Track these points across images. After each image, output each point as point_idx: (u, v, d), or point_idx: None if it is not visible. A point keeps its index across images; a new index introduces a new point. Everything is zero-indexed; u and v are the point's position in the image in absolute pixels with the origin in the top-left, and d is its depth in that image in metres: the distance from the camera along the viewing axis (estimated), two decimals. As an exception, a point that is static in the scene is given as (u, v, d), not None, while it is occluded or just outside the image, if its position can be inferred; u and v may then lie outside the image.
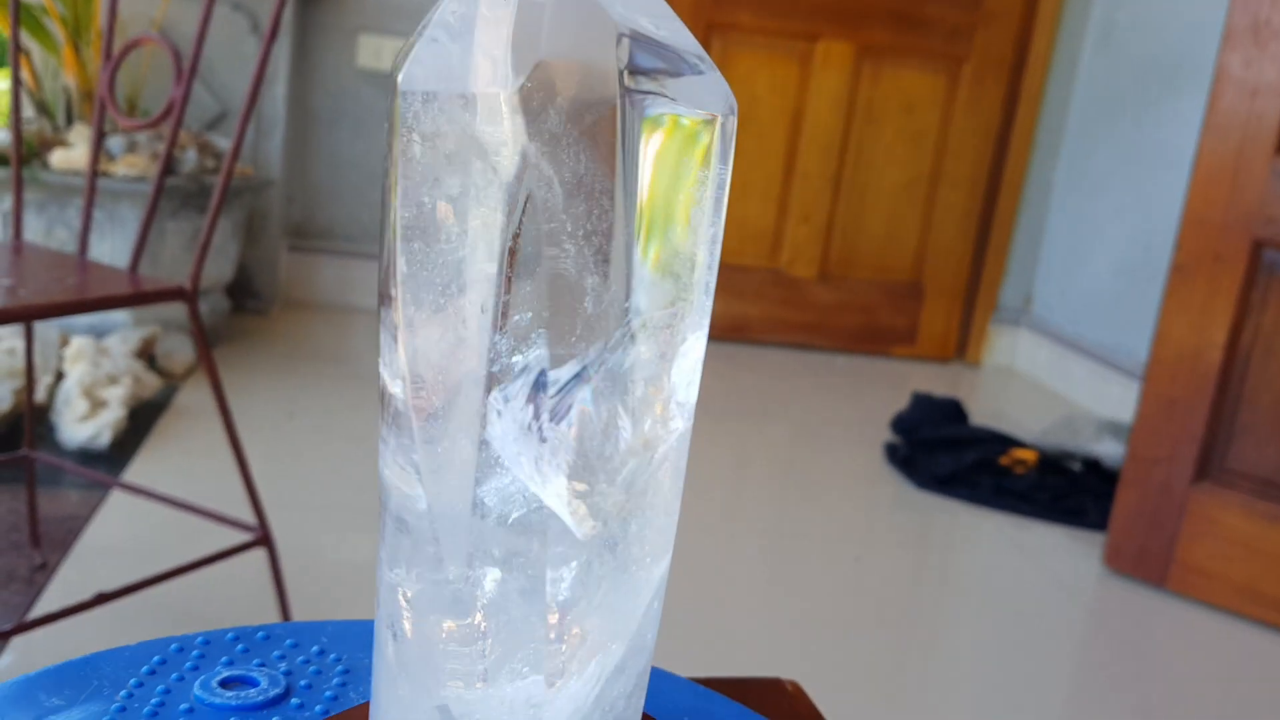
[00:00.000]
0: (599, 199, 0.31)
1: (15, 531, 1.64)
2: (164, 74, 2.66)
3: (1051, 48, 3.14)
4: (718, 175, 0.34)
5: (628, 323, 0.32)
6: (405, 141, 0.32)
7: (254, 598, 1.51)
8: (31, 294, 1.16)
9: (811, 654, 1.59)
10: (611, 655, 0.35)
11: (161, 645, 0.51)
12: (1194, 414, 1.86)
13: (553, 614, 0.34)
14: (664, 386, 0.34)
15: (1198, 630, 1.79)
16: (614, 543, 0.34)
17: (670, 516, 0.36)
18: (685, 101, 0.32)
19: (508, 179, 0.31)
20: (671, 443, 0.35)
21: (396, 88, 0.32)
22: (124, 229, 2.36)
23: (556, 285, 0.31)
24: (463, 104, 0.31)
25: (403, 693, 0.36)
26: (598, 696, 0.35)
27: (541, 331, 0.31)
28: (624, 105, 0.31)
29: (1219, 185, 1.83)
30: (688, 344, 0.35)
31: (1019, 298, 3.30)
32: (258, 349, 2.65)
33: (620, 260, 0.32)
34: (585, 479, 0.33)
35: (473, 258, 0.31)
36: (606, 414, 0.33)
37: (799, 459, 2.47)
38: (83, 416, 1.97)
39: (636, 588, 0.35)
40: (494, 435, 0.32)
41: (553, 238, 0.31)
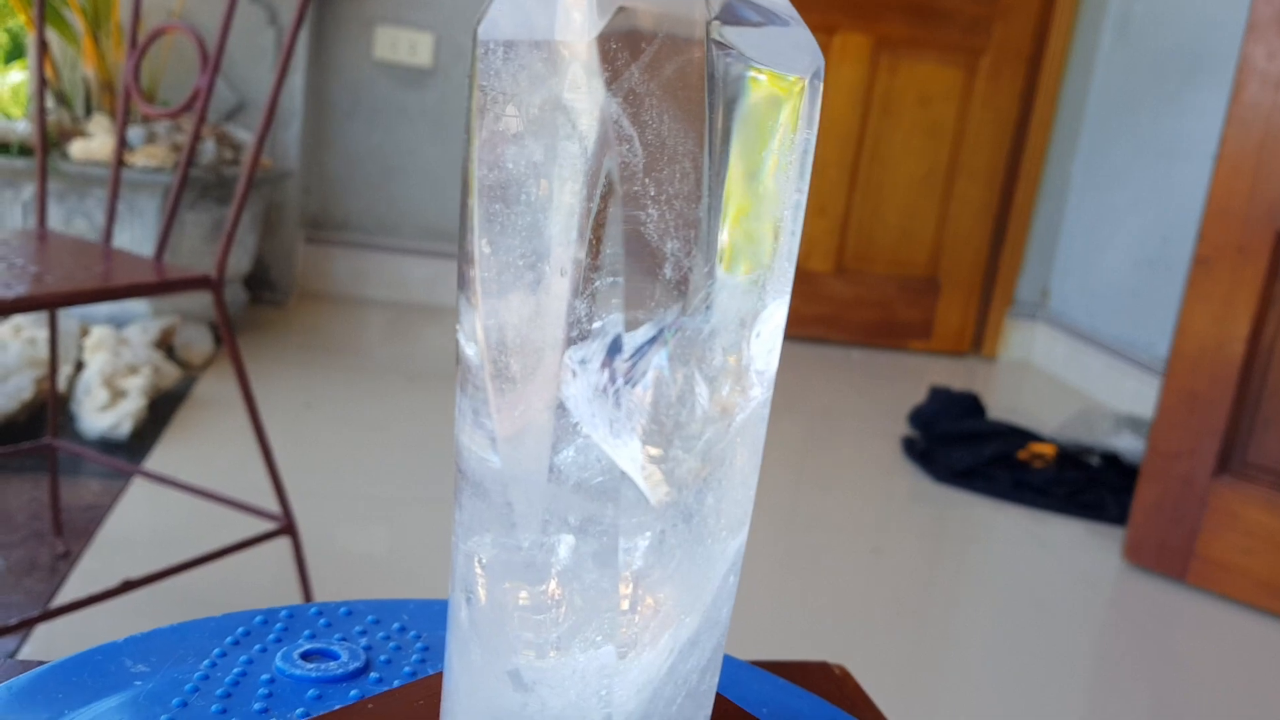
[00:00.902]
0: (681, 160, 0.30)
1: (37, 520, 1.65)
2: (182, 65, 2.66)
3: (1069, 40, 3.12)
4: (804, 138, 0.33)
5: (708, 288, 0.32)
6: (483, 96, 0.31)
7: (277, 586, 1.52)
8: (58, 281, 1.17)
9: (832, 645, 1.59)
10: (685, 628, 0.35)
11: (246, 617, 0.52)
12: (1215, 407, 1.85)
13: (626, 583, 0.33)
14: (743, 353, 0.33)
15: (1218, 625, 1.78)
16: (690, 513, 0.33)
17: (748, 488, 0.36)
18: (774, 60, 0.32)
19: (588, 137, 0.30)
20: (750, 411, 0.34)
21: (475, 40, 0.31)
22: (143, 219, 2.36)
23: (637, 249, 0.31)
24: (542, 55, 0.30)
25: (474, 658, 0.35)
26: (670, 669, 0.35)
27: (620, 296, 0.31)
28: (711, 60, 0.30)
29: (1242, 177, 1.82)
30: (768, 311, 0.34)
31: (1036, 291, 3.29)
32: (275, 340, 2.65)
33: (703, 225, 0.31)
34: (660, 444, 0.32)
35: (552, 220, 0.31)
36: (683, 379, 0.32)
37: (816, 452, 2.47)
38: (103, 406, 1.98)
39: (711, 560, 0.35)
40: (569, 397, 0.32)
41: (634, 200, 0.30)
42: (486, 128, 0.31)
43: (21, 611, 1.41)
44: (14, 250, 1.28)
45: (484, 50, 0.31)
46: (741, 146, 0.31)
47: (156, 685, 0.47)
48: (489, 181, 0.32)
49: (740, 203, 0.32)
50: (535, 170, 0.31)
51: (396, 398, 2.36)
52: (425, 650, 0.50)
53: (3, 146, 2.35)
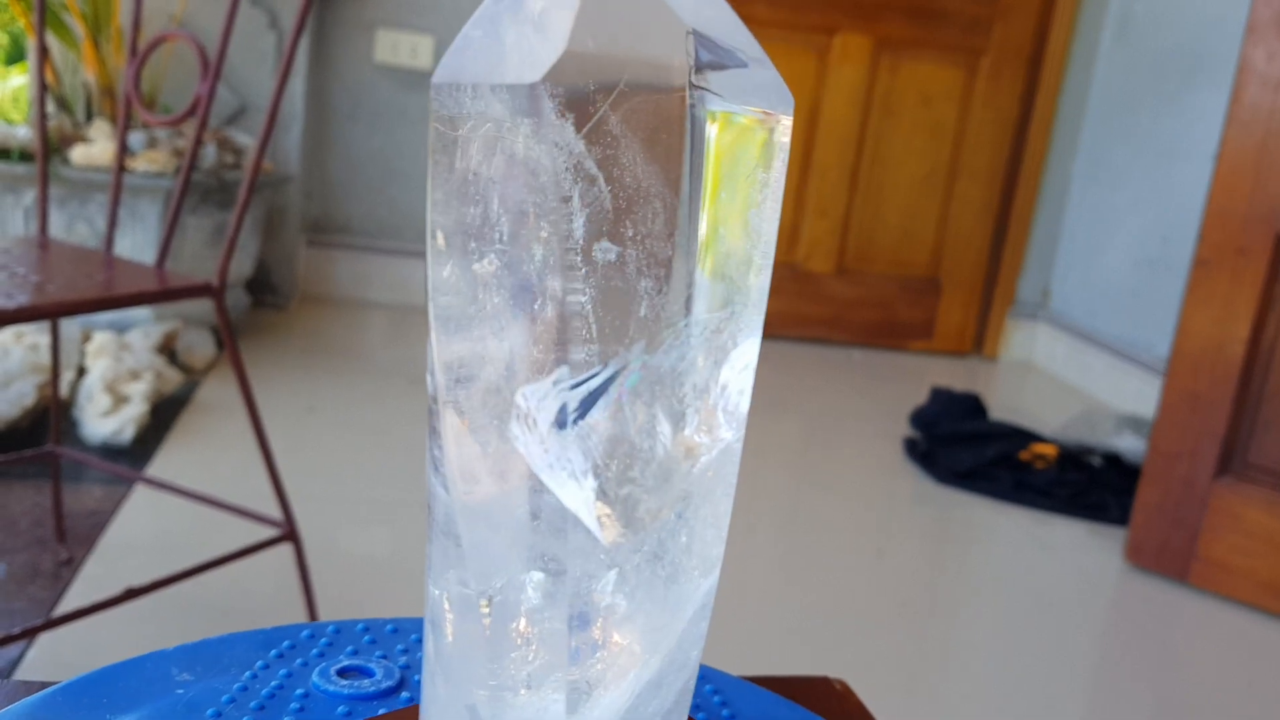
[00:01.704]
0: (652, 200, 0.30)
1: (40, 527, 1.65)
2: (183, 70, 2.66)
3: (1069, 40, 3.12)
4: (775, 176, 0.33)
5: (677, 327, 0.31)
6: (441, 139, 0.31)
7: (279, 592, 1.52)
8: (60, 290, 1.17)
9: (832, 650, 1.59)
10: (648, 669, 0.34)
11: (293, 631, 0.53)
12: (1216, 408, 1.85)
13: (587, 624, 0.33)
14: (711, 393, 0.33)
15: (1220, 625, 1.78)
16: (653, 554, 0.33)
17: (718, 530, 0.35)
18: (745, 99, 0.31)
19: (551, 178, 0.29)
20: (717, 452, 0.34)
21: (431, 84, 0.31)
22: (144, 224, 2.37)
23: (606, 288, 0.30)
24: (501, 97, 0.30)
25: (440, 692, 0.36)
26: (629, 709, 0.34)
27: (584, 335, 0.30)
28: (684, 100, 0.30)
29: (1242, 179, 1.82)
30: (740, 350, 0.33)
31: (1037, 291, 3.29)
32: (277, 344, 2.65)
33: (674, 263, 0.31)
34: (615, 484, 0.32)
35: (514, 259, 0.30)
36: (644, 418, 0.32)
37: (817, 454, 2.47)
38: (105, 412, 1.98)
39: (678, 601, 0.34)
40: (516, 435, 0.32)
41: (601, 239, 0.30)
42: (439, 169, 0.31)
43: (25, 618, 1.41)
44: (15, 259, 1.28)
45: (440, 93, 0.31)
46: (715, 185, 0.31)
47: (195, 694, 0.48)
48: (449, 221, 0.32)
49: (714, 241, 0.32)
50: (494, 211, 0.31)
51: (399, 401, 2.36)
52: None
53: (3, 152, 2.35)
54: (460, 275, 0.32)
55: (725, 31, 0.32)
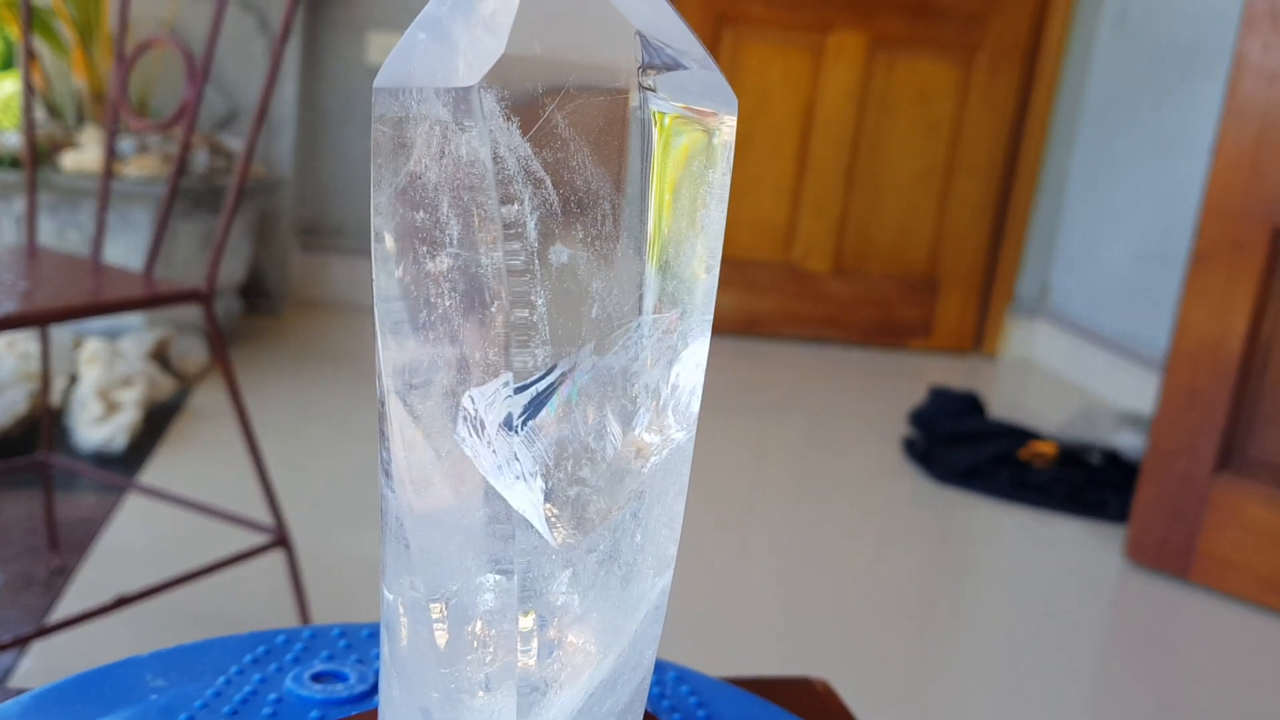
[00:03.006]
0: (601, 202, 0.30)
1: (32, 535, 1.64)
2: (174, 74, 2.65)
3: (1066, 34, 3.12)
4: (720, 176, 0.33)
5: (627, 327, 0.31)
6: (386, 142, 0.31)
7: (272, 599, 1.51)
8: (48, 297, 1.16)
9: (831, 649, 1.58)
10: (602, 668, 0.34)
11: (269, 636, 0.53)
12: (1215, 404, 1.84)
13: (539, 624, 0.33)
14: (662, 393, 0.33)
15: (1221, 622, 1.77)
16: (611, 554, 0.33)
17: (671, 530, 0.35)
18: (692, 100, 0.32)
19: (501, 181, 0.29)
20: (669, 452, 0.34)
21: (374, 89, 0.31)
22: (135, 230, 2.36)
23: (556, 290, 0.30)
24: (447, 100, 0.29)
25: (394, 694, 0.35)
26: (582, 708, 0.34)
27: (538, 337, 0.30)
28: (633, 102, 0.30)
29: (1239, 172, 1.81)
30: (690, 349, 0.34)
31: (1036, 288, 3.28)
32: (270, 349, 2.64)
33: (623, 264, 0.31)
34: (567, 483, 0.32)
35: (460, 262, 0.30)
36: (594, 416, 0.31)
37: (815, 453, 2.46)
38: (98, 419, 1.97)
39: (632, 601, 0.34)
40: (464, 436, 0.31)
41: (552, 241, 0.30)
42: (389, 174, 0.31)
43: (17, 627, 1.40)
44: (3, 267, 1.27)
45: (384, 96, 0.31)
46: (662, 186, 0.31)
47: (169, 700, 0.48)
48: (395, 225, 0.31)
49: (662, 242, 0.32)
50: (443, 215, 0.30)
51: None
52: None
53: (-5, 159, 2.34)
54: (409, 279, 0.32)
55: (670, 34, 0.32)
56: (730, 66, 3.08)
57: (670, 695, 0.49)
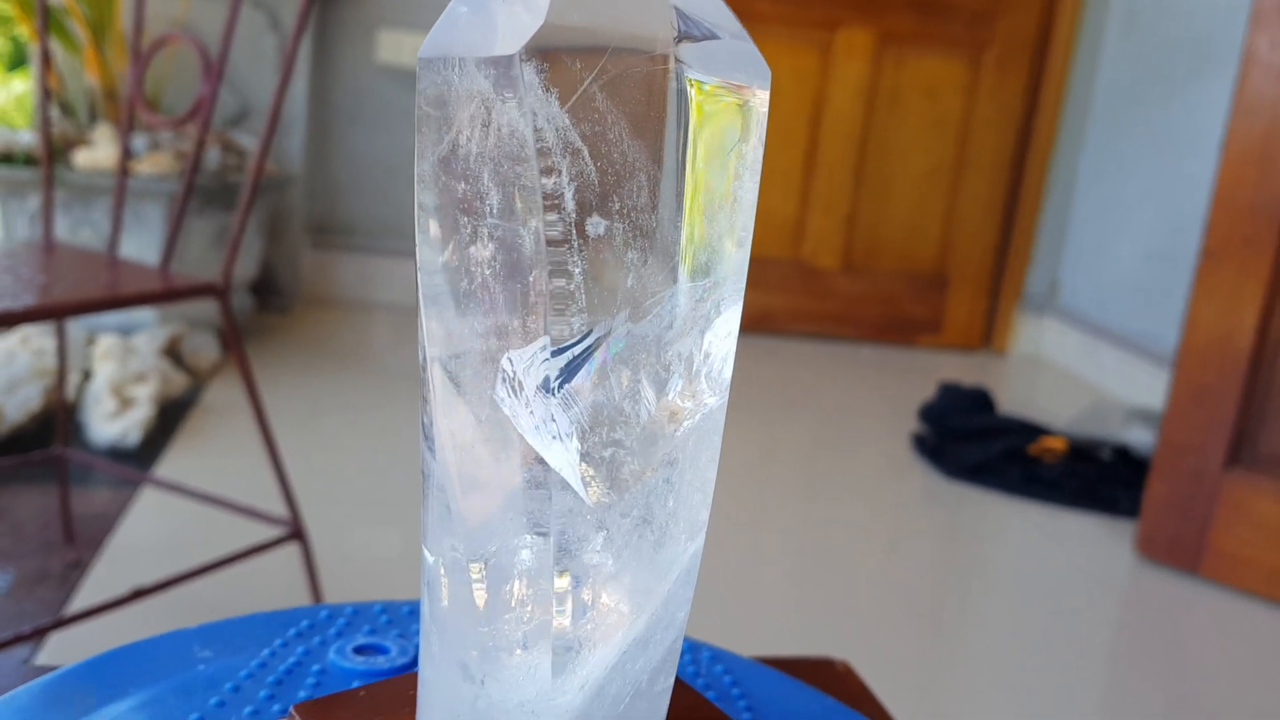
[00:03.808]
0: (637, 174, 0.31)
1: (48, 529, 1.65)
2: (185, 72, 2.66)
3: (1075, 31, 3.12)
4: (754, 147, 0.34)
5: (662, 295, 0.32)
6: (429, 114, 0.31)
7: (286, 592, 1.52)
8: (65, 291, 1.17)
9: (842, 643, 1.58)
10: (635, 628, 0.35)
11: (313, 611, 0.55)
12: (1225, 400, 1.84)
13: (575, 584, 0.34)
14: (694, 360, 0.34)
15: (1231, 617, 1.78)
16: (645, 517, 0.34)
17: (704, 494, 0.36)
18: (727, 73, 0.32)
19: (540, 152, 0.30)
20: (701, 417, 0.34)
21: (419, 60, 0.32)
22: (148, 227, 2.37)
23: (593, 259, 0.31)
24: (486, 72, 0.30)
25: (435, 651, 0.36)
26: (615, 665, 0.35)
27: (575, 305, 0.31)
28: (669, 74, 0.31)
29: (1248, 168, 1.81)
30: (723, 317, 0.34)
31: (1045, 285, 3.28)
32: (281, 346, 2.65)
33: (658, 233, 0.32)
34: (600, 444, 0.32)
35: (500, 232, 0.31)
36: (628, 381, 0.32)
37: (825, 450, 2.46)
38: (112, 414, 1.98)
39: (665, 563, 0.35)
40: (502, 397, 0.32)
41: (590, 212, 0.31)
42: (431, 145, 0.32)
43: (34, 620, 1.41)
44: (21, 261, 1.28)
45: (427, 68, 0.31)
46: (701, 157, 0.32)
47: (215, 670, 0.50)
48: (434, 195, 0.32)
49: (697, 212, 0.32)
50: (484, 186, 0.31)
51: (404, 402, 2.36)
52: None
53: (7, 157, 2.35)
54: (449, 249, 0.32)
55: (704, 6, 0.33)
56: (739, 64, 3.08)
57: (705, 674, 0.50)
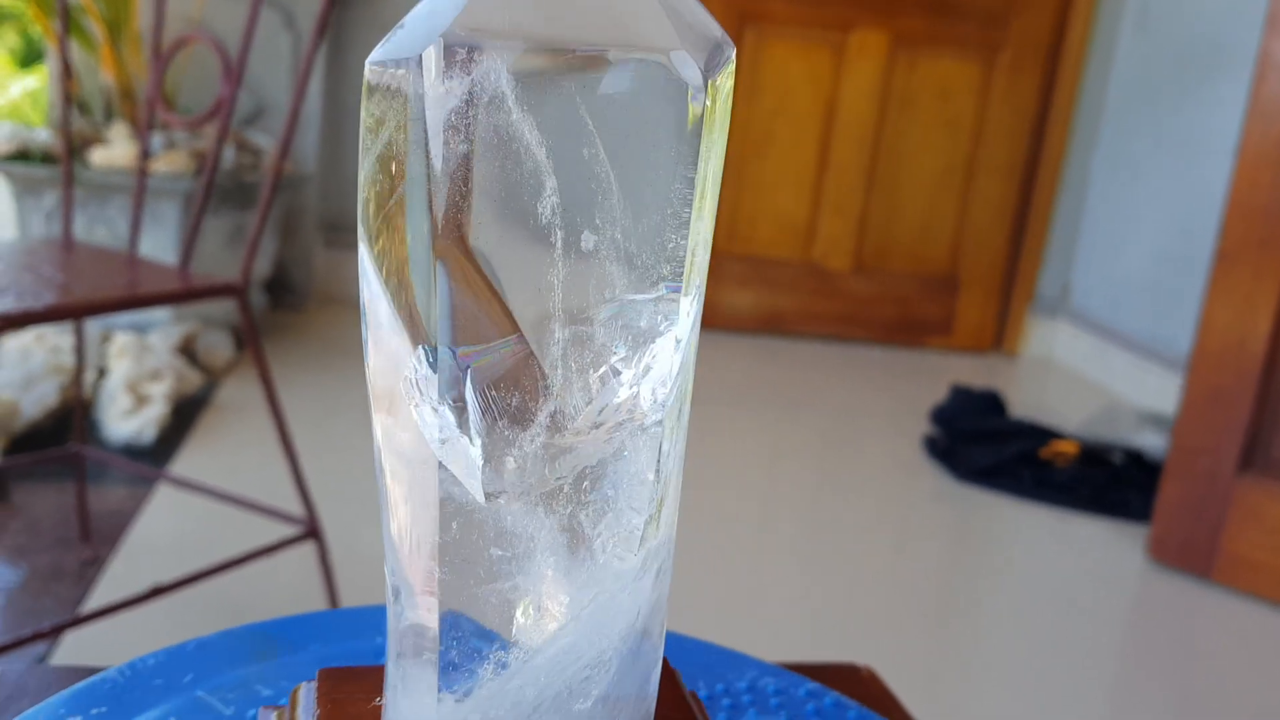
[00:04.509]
0: (579, 171, 0.30)
1: (63, 526, 1.66)
2: (200, 71, 2.67)
3: (1088, 33, 3.11)
4: (701, 149, 0.32)
5: (604, 302, 0.31)
6: (368, 113, 0.31)
7: (301, 590, 1.52)
8: (86, 290, 1.17)
9: (853, 645, 1.59)
10: (561, 640, 0.35)
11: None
12: (1239, 403, 1.84)
13: (518, 595, 0.34)
14: (629, 373, 0.32)
15: (1243, 621, 1.77)
16: (569, 528, 0.34)
17: (638, 513, 0.34)
18: (675, 68, 0.31)
19: (480, 150, 0.29)
20: (632, 432, 0.33)
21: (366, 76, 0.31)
22: (164, 225, 2.38)
23: (526, 263, 0.30)
24: (417, 73, 0.30)
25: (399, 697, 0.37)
26: (551, 670, 0.35)
27: (509, 310, 0.31)
28: (614, 71, 0.30)
29: (1264, 171, 1.81)
30: (667, 334, 0.33)
31: (1057, 287, 3.28)
32: (295, 344, 2.66)
33: (604, 240, 0.31)
34: (504, 451, 0.32)
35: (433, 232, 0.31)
36: (558, 389, 0.32)
37: (836, 451, 2.46)
38: (127, 412, 1.99)
39: (592, 581, 0.35)
40: (414, 398, 0.32)
41: (526, 212, 0.30)
42: (365, 148, 0.32)
43: (51, 617, 1.42)
44: (41, 260, 1.29)
45: (367, 75, 0.31)
46: (634, 157, 0.31)
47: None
48: (376, 195, 0.32)
49: (635, 214, 0.31)
50: (419, 180, 0.31)
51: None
52: None
53: (23, 155, 2.36)
54: (382, 249, 0.33)
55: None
56: (752, 64, 3.08)
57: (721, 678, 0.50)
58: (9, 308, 1.06)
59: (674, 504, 0.36)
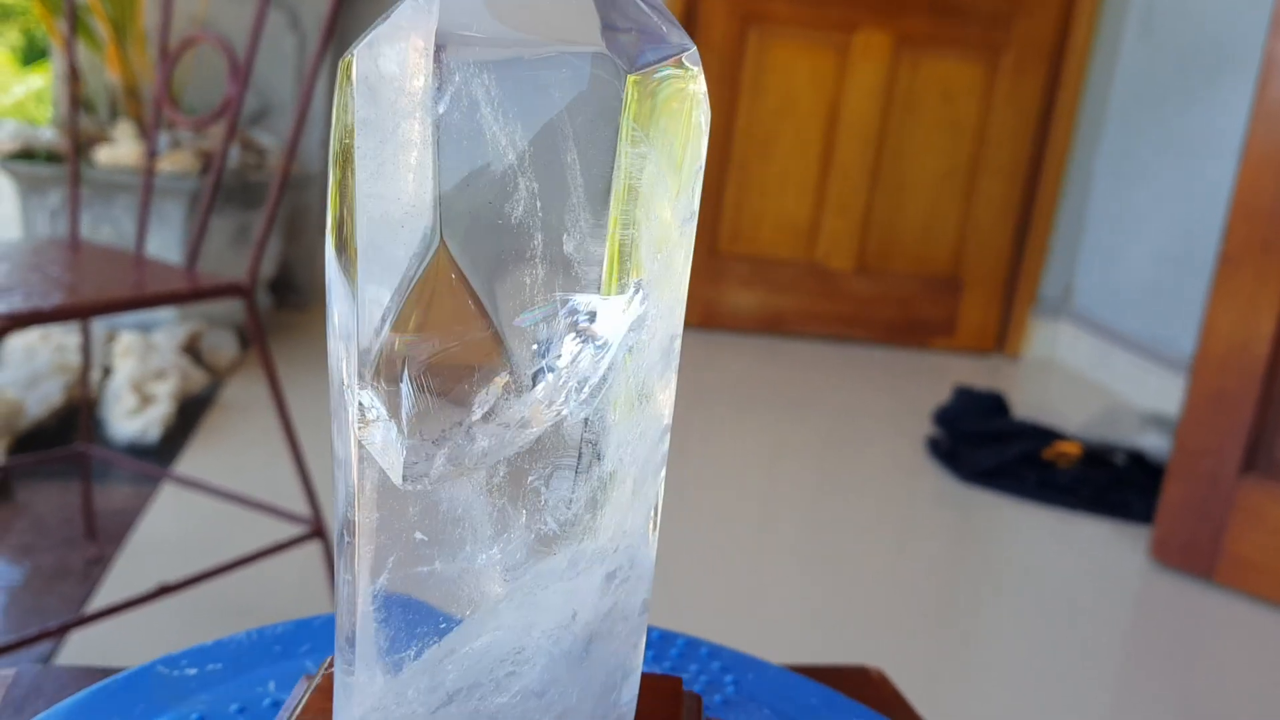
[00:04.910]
0: (544, 169, 0.30)
1: (69, 525, 1.66)
2: (205, 71, 2.68)
3: (1092, 35, 3.11)
4: (622, 145, 0.32)
5: (549, 295, 0.32)
6: (350, 99, 0.32)
7: (306, 588, 1.53)
8: (93, 290, 1.18)
9: (854, 646, 1.59)
10: (467, 632, 0.35)
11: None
12: (1242, 405, 1.84)
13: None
14: (557, 369, 0.33)
15: (1246, 623, 1.78)
16: (500, 524, 0.34)
17: (555, 515, 0.34)
18: (594, 64, 0.31)
19: (455, 146, 0.30)
20: (557, 429, 0.33)
21: (350, 72, 0.32)
22: (168, 225, 2.38)
23: (495, 253, 0.31)
24: (402, 65, 0.30)
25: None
26: (470, 665, 0.35)
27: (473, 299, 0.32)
28: (595, 71, 0.30)
29: (1267, 174, 1.81)
30: (598, 328, 0.33)
31: (1059, 289, 3.28)
32: (300, 343, 2.67)
33: (567, 235, 0.31)
34: (429, 438, 0.32)
35: (412, 222, 0.31)
36: (476, 379, 0.32)
37: (838, 452, 2.47)
38: (132, 411, 1.99)
39: (522, 576, 0.35)
40: (347, 384, 0.33)
41: (494, 208, 0.30)
42: (344, 122, 0.32)
43: (56, 616, 1.43)
44: (48, 260, 1.29)
45: (355, 59, 0.32)
46: (596, 154, 0.31)
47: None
48: (363, 182, 0.32)
49: (593, 215, 0.32)
50: (397, 175, 0.31)
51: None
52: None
53: (28, 154, 2.37)
54: (366, 239, 0.33)
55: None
56: (755, 65, 3.09)
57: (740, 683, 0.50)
58: (17, 307, 1.06)
59: (626, 509, 0.36)
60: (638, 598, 0.37)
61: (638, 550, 0.37)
